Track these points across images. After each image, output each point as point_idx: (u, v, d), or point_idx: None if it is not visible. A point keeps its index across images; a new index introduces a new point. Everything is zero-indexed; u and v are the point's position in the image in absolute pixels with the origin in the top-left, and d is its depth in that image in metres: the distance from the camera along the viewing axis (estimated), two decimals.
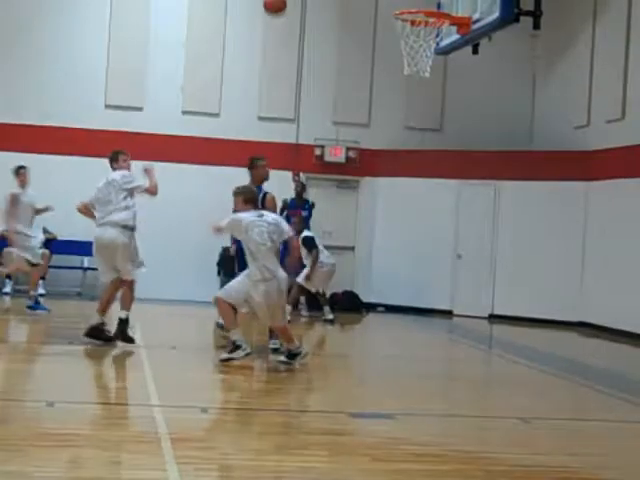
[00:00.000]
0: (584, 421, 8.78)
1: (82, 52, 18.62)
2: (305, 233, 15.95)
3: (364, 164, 19.10)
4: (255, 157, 11.81)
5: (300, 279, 15.67)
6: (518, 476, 6.32)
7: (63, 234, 16.76)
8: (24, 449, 6.22)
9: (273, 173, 12.01)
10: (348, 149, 19.20)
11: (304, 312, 16.84)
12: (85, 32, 18.67)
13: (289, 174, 17.73)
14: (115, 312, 11.39)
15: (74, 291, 17.64)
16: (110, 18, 18.69)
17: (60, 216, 15.10)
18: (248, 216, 10.05)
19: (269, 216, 10.24)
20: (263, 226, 9.97)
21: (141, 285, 11.80)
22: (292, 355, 10.28)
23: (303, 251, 15.71)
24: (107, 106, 18.58)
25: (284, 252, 11.16)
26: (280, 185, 13.32)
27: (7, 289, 17.25)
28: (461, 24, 13.23)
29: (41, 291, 17.36)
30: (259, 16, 19.16)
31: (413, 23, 13.13)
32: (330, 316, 16.06)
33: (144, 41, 18.75)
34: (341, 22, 19.52)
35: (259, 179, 11.49)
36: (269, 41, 19.25)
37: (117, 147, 17.88)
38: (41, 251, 15.78)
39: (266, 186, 11.43)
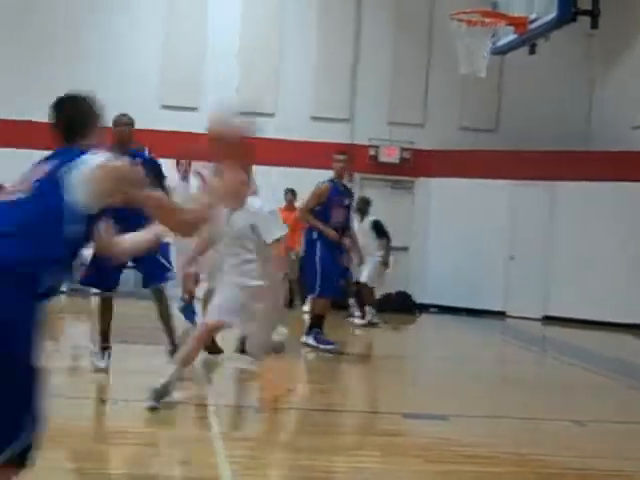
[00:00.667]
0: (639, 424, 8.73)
1: (137, 54, 18.75)
2: (371, 217, 15.72)
3: (418, 165, 19.08)
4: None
5: (366, 278, 15.34)
6: (570, 479, 6.32)
7: None
8: (78, 445, 6.38)
9: (327, 173, 12.12)
10: (402, 149, 19.21)
11: (357, 315, 16.01)
12: (140, 34, 18.85)
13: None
14: None
15: (126, 291, 17.64)
16: (167, 23, 18.96)
17: None
18: None
19: None
20: None
21: None
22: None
23: (365, 239, 14.72)
24: (163, 106, 18.82)
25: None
26: None
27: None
28: (517, 24, 13.17)
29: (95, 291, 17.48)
30: (314, 16, 19.23)
31: (469, 23, 13.11)
32: (375, 319, 15.58)
33: (200, 49, 18.97)
34: (396, 21, 19.50)
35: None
36: (323, 40, 19.29)
37: (176, 146, 18.24)
38: None
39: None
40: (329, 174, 11.99)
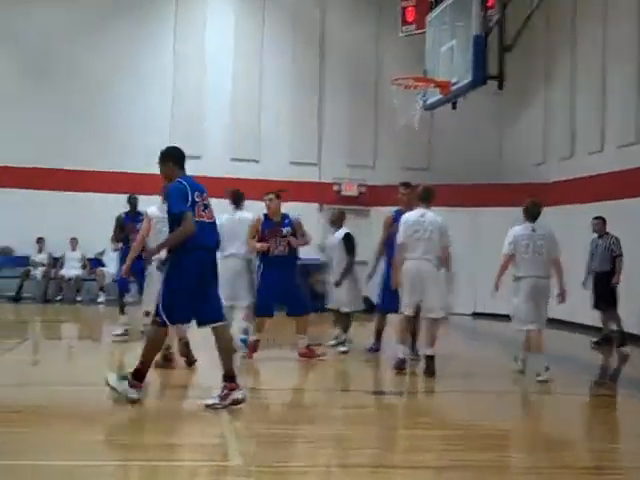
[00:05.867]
0: None
1: (152, 114, 18.53)
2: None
3: (372, 197, 18.81)
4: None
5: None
6: None
7: None
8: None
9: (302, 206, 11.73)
10: (359, 185, 19.04)
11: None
12: (153, 98, 18.63)
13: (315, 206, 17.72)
14: None
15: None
16: (174, 90, 18.71)
17: None
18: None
19: None
20: None
21: None
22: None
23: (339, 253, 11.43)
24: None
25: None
26: (307, 214, 13.17)
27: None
28: (442, 86, 13.00)
29: (101, 299, 17.22)
30: (288, 85, 19.10)
31: (405, 86, 13.02)
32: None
33: (200, 109, 18.79)
34: (351, 88, 19.36)
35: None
36: (297, 103, 19.18)
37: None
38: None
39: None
40: (302, 207, 11.61)
